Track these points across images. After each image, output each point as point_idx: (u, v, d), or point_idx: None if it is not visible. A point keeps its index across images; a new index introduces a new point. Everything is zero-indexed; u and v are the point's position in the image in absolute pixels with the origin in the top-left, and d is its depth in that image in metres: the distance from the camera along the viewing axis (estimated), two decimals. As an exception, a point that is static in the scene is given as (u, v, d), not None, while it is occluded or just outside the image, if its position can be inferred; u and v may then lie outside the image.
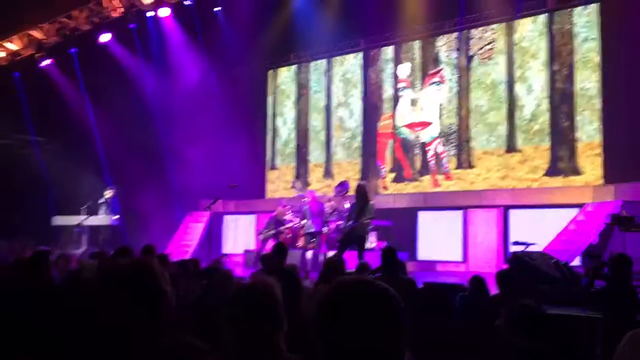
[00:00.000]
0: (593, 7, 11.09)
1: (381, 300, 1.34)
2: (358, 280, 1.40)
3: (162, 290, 1.54)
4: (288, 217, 11.57)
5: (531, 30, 11.73)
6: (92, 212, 12.67)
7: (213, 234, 11.72)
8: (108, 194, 12.58)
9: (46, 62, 14.55)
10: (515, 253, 6.99)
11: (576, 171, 11.00)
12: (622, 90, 10.30)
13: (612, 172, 10.45)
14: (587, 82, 11.01)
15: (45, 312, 1.90)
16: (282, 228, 11.38)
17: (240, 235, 14.22)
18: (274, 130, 15.38)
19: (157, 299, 1.53)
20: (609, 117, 10.63)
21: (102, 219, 12.51)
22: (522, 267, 6.45)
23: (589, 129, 10.91)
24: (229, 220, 14.65)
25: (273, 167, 15.26)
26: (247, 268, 11.06)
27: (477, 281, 5.02)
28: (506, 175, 11.69)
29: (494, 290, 5.06)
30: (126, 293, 1.52)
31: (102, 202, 12.66)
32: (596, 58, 10.95)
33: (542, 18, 11.65)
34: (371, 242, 11.11)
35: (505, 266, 8.00)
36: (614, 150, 10.46)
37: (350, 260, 7.28)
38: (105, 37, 13.91)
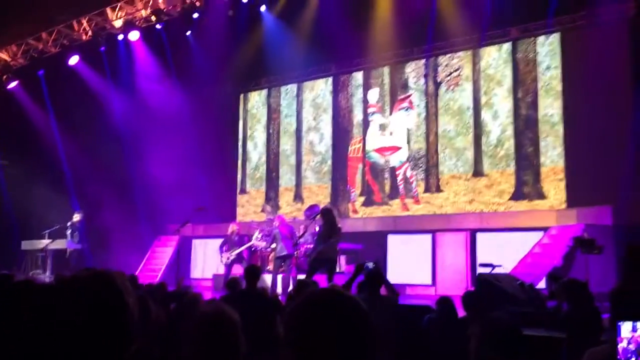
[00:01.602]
0: (555, 37, 11.49)
1: (350, 308, 1.39)
2: (328, 290, 1.46)
3: (124, 302, 1.51)
4: (256, 239, 11.53)
5: (496, 58, 12.07)
6: (58, 236, 12.46)
7: (182, 258, 11.59)
8: (76, 218, 12.42)
9: (13, 84, 14.37)
10: (481, 275, 7.09)
11: (540, 195, 11.25)
12: (583, 116, 10.63)
13: (575, 196, 10.72)
14: (550, 108, 11.34)
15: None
16: (243, 248, 11.32)
17: (209, 259, 14.08)
18: (245, 153, 15.39)
19: (119, 311, 1.50)
20: (571, 143, 10.95)
21: (67, 243, 12.29)
22: (488, 288, 6.55)
23: (552, 154, 11.21)
24: (198, 245, 14.51)
25: (243, 191, 15.23)
26: (216, 292, 10.95)
27: (445, 302, 5.09)
28: (473, 199, 11.88)
29: (462, 312, 5.13)
30: (83, 304, 1.48)
31: (69, 226, 12.46)
32: (558, 86, 11.31)
33: (506, 46, 12.01)
34: (340, 265, 11.13)
35: (472, 288, 8.11)
36: (576, 175, 10.75)
37: (321, 284, 7.29)
38: (73, 60, 13.83)
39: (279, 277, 10.49)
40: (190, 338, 2.23)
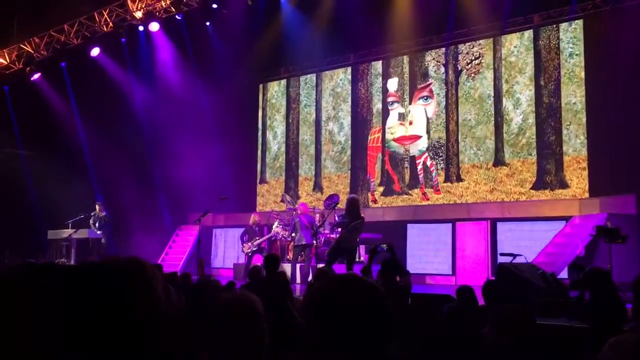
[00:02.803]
0: (578, 23, 11.30)
1: (368, 291, 1.41)
2: (350, 275, 1.47)
3: (153, 288, 1.52)
4: (276, 229, 11.60)
5: (518, 45, 11.91)
6: (81, 225, 12.64)
7: (203, 248, 11.69)
8: (98, 208, 12.61)
9: (36, 76, 14.54)
10: (502, 264, 7.04)
11: (563, 184, 11.12)
12: (605, 104, 10.46)
13: (598, 185, 10.58)
14: (573, 96, 11.18)
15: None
16: (264, 239, 11.40)
17: (229, 249, 14.19)
18: (264, 143, 15.43)
19: (147, 297, 1.50)
20: (594, 131, 10.78)
21: (89, 232, 12.47)
22: (509, 278, 6.51)
23: (575, 142, 11.06)
24: (219, 234, 14.63)
25: (263, 181, 15.29)
26: (237, 282, 11.03)
27: (465, 292, 5.06)
28: (494, 189, 11.79)
29: (482, 302, 5.10)
30: (113, 288, 1.48)
31: (92, 216, 12.64)
32: (581, 73, 11.13)
33: (528, 34, 11.84)
34: (360, 254, 11.15)
35: (492, 278, 8.06)
36: (599, 164, 10.60)
37: (339, 271, 7.31)
38: (95, 51, 13.95)
39: (298, 266, 10.54)
40: (213, 325, 2.22)
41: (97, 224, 12.52)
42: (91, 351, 1.40)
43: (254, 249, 11.29)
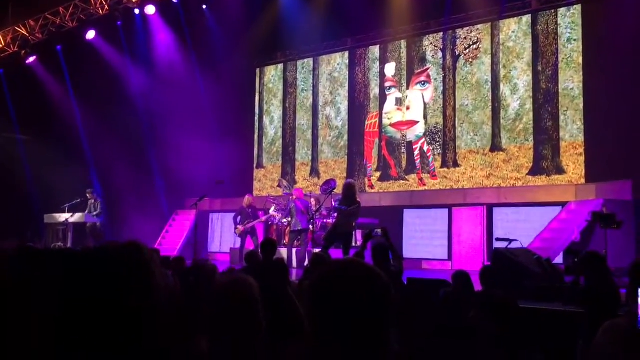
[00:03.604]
0: (576, 9, 11.22)
1: (371, 276, 1.41)
2: (350, 260, 1.47)
3: (152, 271, 1.51)
4: (273, 213, 11.61)
5: (516, 30, 11.84)
6: (78, 209, 12.63)
7: (199, 233, 11.70)
8: (89, 194, 12.63)
9: (31, 59, 14.42)
10: (497, 250, 7.06)
11: (559, 170, 11.12)
12: (603, 90, 10.43)
13: (594, 171, 10.58)
14: (570, 82, 11.14)
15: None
16: (255, 222, 11.42)
17: (226, 234, 14.21)
18: (261, 128, 15.38)
19: (146, 281, 1.49)
20: (591, 117, 10.76)
21: (86, 216, 12.47)
22: (504, 263, 6.52)
23: (572, 128, 11.04)
24: (215, 219, 14.63)
25: (259, 166, 15.26)
26: (233, 265, 11.05)
27: (461, 276, 5.07)
28: (491, 174, 11.79)
29: (478, 287, 5.12)
30: (114, 271, 1.47)
31: (87, 200, 12.63)
32: (579, 59, 11.08)
33: (526, 19, 11.76)
34: (356, 239, 11.16)
35: (488, 264, 8.09)
36: (596, 150, 10.59)
37: (336, 258, 7.33)
38: (90, 34, 13.83)
39: (294, 251, 10.56)
40: (210, 307, 2.21)
41: (92, 208, 12.53)
42: (88, 337, 1.39)
43: (246, 230, 11.31)
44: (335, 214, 9.03)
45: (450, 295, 4.94)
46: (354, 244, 10.02)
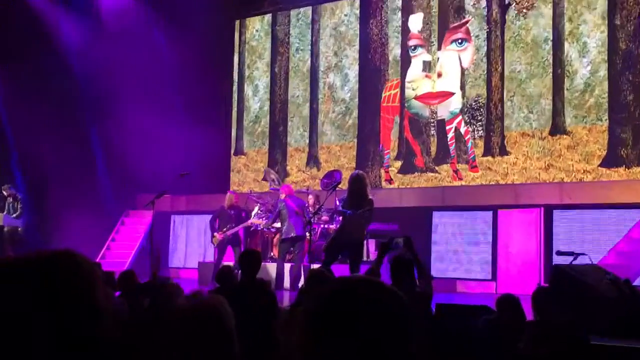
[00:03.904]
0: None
1: (388, 301, 1.42)
2: (361, 279, 1.48)
3: (94, 293, 1.49)
4: (257, 217, 11.62)
5: (586, -29, 11.82)
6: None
7: (157, 241, 11.69)
8: (6, 189, 12.64)
9: None
10: (558, 266, 7.06)
11: (643, 160, 11.13)
12: None
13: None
14: (660, 41, 11.13)
15: None
16: (240, 227, 11.44)
17: (193, 242, 14.19)
18: (241, 101, 15.36)
19: (84, 307, 1.47)
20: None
21: (5, 218, 12.49)
22: (567, 285, 6.52)
23: (660, 103, 11.05)
24: (179, 222, 14.63)
25: (239, 152, 15.25)
26: (203, 286, 11.06)
27: (509, 302, 5.07)
28: (550, 165, 11.78)
29: (531, 316, 5.12)
30: (45, 287, 1.44)
31: (4, 198, 12.66)
32: (672, 9, 11.06)
33: (600, -45, 11.73)
34: (369, 252, 11.15)
35: (545, 285, 8.08)
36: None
37: (341, 274, 7.33)
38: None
39: (287, 266, 10.56)
40: (167, 341, 2.20)
41: (10, 207, 12.56)
42: None
43: (227, 238, 11.32)
44: (340, 218, 9.04)
45: (494, 323, 4.94)
46: (365, 258, 10.01)
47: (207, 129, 14.63)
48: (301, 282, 9.76)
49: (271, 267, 10.68)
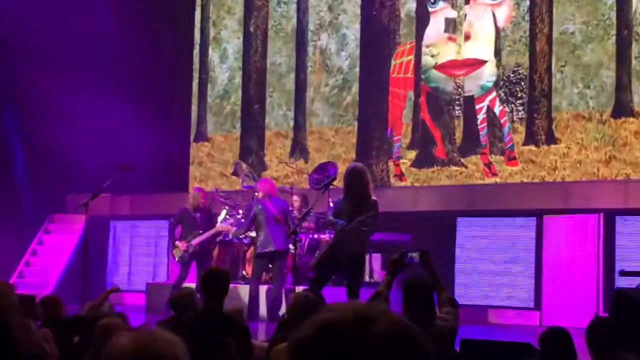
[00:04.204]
0: None
1: (398, 336, 1.41)
2: (363, 307, 1.46)
3: (8, 324, 1.51)
4: (223, 222, 11.62)
5: None
6: None
7: (92, 255, 11.66)
8: None
9: None
10: (622, 291, 7.07)
11: None
12: None
13: None
14: None
15: None
16: (209, 233, 11.43)
17: (140, 257, 14.17)
18: (204, 71, 15.33)
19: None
20: None
21: None
22: (632, 314, 6.54)
23: None
24: (121, 230, 14.59)
25: (201, 137, 15.23)
26: (151, 315, 11.06)
27: (556, 337, 5.09)
28: (613, 157, 11.80)
29: (585, 355, 5.15)
30: None
31: None
32: None
33: None
34: (375, 271, 11.15)
35: (604, 314, 8.10)
36: None
37: (337, 300, 7.33)
38: None
39: (262, 289, 10.56)
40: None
41: None
42: None
43: (192, 249, 11.31)
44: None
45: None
46: (367, 279, 10.01)
47: (159, 109, 14.61)
48: (282, 310, 9.75)
49: (243, 291, 10.66)
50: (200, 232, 11.43)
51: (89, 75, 14.13)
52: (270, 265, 10.59)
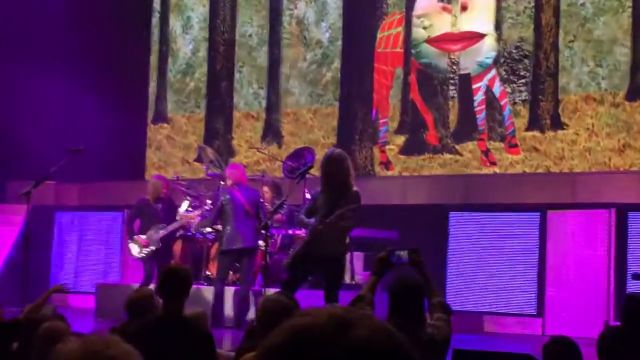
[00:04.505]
0: None
1: (384, 347, 1.39)
2: (343, 312, 1.43)
3: None
4: (185, 215, 11.62)
5: None
6: None
7: (34, 250, 11.63)
8: None
9: None
10: (633, 296, 7.11)
11: None
12: None
13: None
14: None
15: None
16: (174, 226, 11.43)
17: (90, 254, 14.14)
18: (164, 43, 15.30)
19: None
20: None
21: None
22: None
23: None
24: (68, 223, 14.56)
25: (160, 119, 15.21)
26: (102, 321, 11.05)
27: (561, 348, 5.11)
28: (626, 145, 11.86)
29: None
30: None
31: None
32: None
33: None
34: (356, 272, 11.17)
35: (616, 323, 8.13)
36: None
37: (314, 303, 7.32)
38: None
39: (229, 291, 10.55)
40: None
41: None
42: None
43: (154, 247, 11.31)
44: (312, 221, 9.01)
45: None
46: (348, 280, 10.02)
47: (112, 87, 14.57)
48: (250, 314, 9.75)
49: (206, 293, 10.65)
50: (164, 225, 11.41)
51: (31, 48, 14.10)
52: (238, 265, 10.56)
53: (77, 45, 14.49)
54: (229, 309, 10.49)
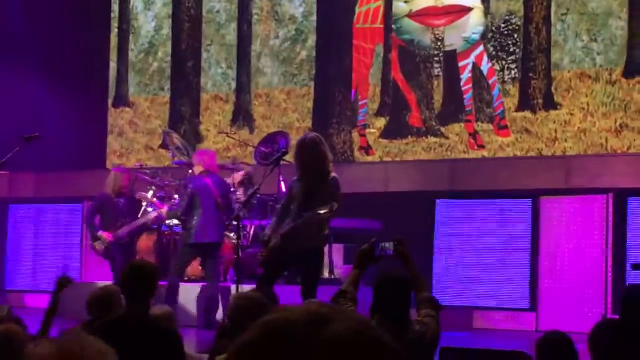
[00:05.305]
0: None
1: (365, 346, 1.39)
2: (321, 309, 1.45)
3: None
4: (148, 206, 11.60)
5: None
6: None
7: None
8: None
9: None
10: (632, 287, 7.14)
11: None
12: None
13: None
14: None
15: None
16: (138, 222, 11.43)
17: (47, 250, 14.11)
18: (125, 20, 15.24)
19: None
20: None
21: None
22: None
23: None
24: (22, 216, 14.53)
25: (121, 102, 15.17)
26: (60, 320, 11.03)
27: (555, 344, 5.14)
28: (624, 125, 11.89)
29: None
30: None
31: None
32: None
33: None
34: (336, 266, 11.18)
35: (613, 316, 8.19)
36: None
37: (291, 301, 7.35)
38: None
39: (194, 288, 10.54)
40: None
41: None
42: None
43: (119, 242, 11.28)
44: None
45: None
46: (326, 274, 10.05)
47: (69, 68, 14.52)
48: (219, 314, 9.77)
49: (181, 290, 10.63)
50: (125, 220, 11.38)
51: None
52: (208, 259, 10.52)
53: (28, 25, 14.43)
54: (192, 307, 10.46)
